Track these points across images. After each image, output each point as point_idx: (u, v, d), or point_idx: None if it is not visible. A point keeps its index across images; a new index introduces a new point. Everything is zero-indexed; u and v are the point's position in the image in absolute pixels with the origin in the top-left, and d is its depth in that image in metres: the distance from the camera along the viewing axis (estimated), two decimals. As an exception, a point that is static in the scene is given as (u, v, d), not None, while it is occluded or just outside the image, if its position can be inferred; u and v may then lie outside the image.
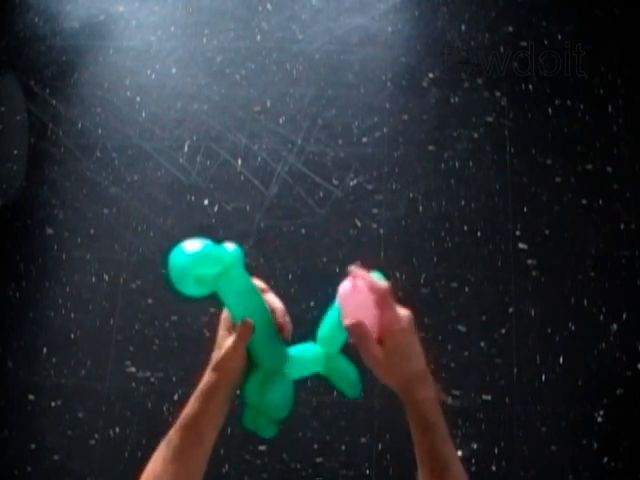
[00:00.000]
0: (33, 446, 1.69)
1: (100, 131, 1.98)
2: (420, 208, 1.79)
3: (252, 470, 1.60)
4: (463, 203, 1.78)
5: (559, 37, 1.91)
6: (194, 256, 0.61)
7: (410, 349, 0.64)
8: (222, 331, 0.68)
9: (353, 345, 0.64)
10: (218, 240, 0.66)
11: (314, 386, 1.61)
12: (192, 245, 0.61)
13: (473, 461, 1.56)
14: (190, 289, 0.61)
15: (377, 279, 0.67)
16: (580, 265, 1.69)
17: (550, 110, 1.85)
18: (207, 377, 0.65)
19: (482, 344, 1.65)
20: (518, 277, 1.69)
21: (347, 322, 0.64)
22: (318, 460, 1.59)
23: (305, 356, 0.72)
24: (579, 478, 1.53)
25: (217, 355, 0.66)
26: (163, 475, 0.61)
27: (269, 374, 0.67)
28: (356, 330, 0.63)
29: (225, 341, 0.66)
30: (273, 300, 0.70)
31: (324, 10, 2.06)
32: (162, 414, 1.65)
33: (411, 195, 1.80)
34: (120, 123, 1.98)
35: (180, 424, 0.63)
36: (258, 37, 2.04)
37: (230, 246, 0.66)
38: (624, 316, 1.64)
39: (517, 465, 1.55)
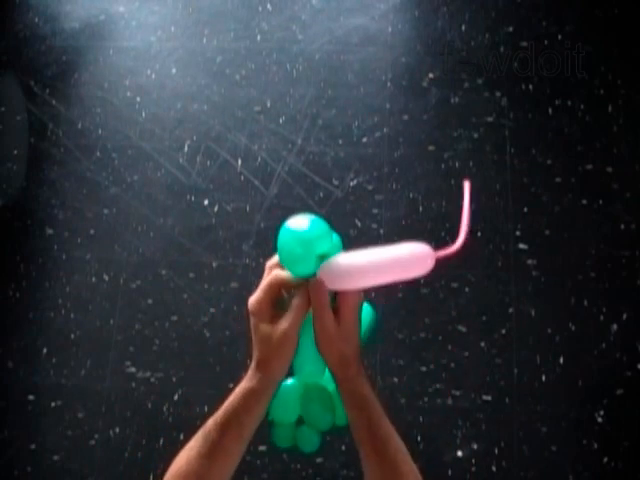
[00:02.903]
0: (33, 446, 1.69)
1: (100, 131, 1.98)
2: (420, 208, 1.79)
3: (252, 470, 1.60)
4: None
5: (559, 37, 1.91)
6: (320, 234, 0.58)
7: (356, 328, 0.62)
8: (262, 325, 0.61)
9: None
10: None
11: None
12: (316, 223, 0.58)
13: (473, 461, 1.56)
14: (309, 268, 0.58)
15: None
16: (580, 265, 1.69)
17: (550, 110, 1.85)
18: (255, 374, 0.61)
19: (482, 344, 1.65)
20: (518, 277, 1.69)
21: (317, 284, 0.59)
22: (318, 460, 1.59)
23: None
24: (579, 478, 1.53)
25: (266, 348, 0.61)
26: (198, 470, 0.59)
27: (310, 385, 0.65)
28: (318, 290, 0.59)
29: (274, 331, 0.60)
30: None
31: (324, 10, 2.06)
32: (162, 414, 1.64)
33: (411, 195, 1.80)
34: (120, 123, 1.98)
35: (221, 420, 0.60)
36: (258, 37, 2.04)
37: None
38: (624, 316, 1.64)
39: (517, 465, 1.55)
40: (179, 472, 0.60)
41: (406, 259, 0.60)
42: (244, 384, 0.62)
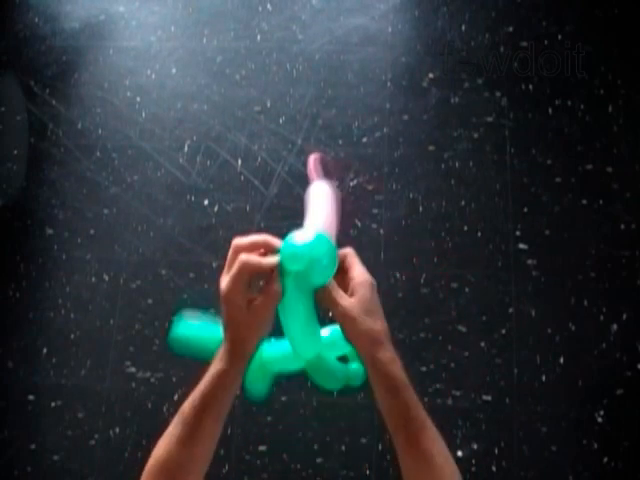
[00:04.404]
0: (33, 446, 1.68)
1: (100, 131, 1.98)
2: (420, 208, 1.79)
3: (252, 470, 1.60)
4: (463, 203, 1.78)
5: (559, 37, 1.91)
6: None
7: (377, 304, 0.61)
8: (234, 311, 0.60)
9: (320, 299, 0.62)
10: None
11: (314, 386, 1.60)
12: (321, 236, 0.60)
13: (473, 461, 1.56)
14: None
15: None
16: (580, 265, 1.69)
17: (550, 110, 1.85)
18: (225, 359, 0.60)
19: (482, 344, 1.65)
20: (518, 277, 1.69)
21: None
22: (318, 460, 1.59)
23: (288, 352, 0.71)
24: (579, 478, 1.53)
25: (236, 334, 0.61)
26: (178, 458, 0.58)
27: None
28: (324, 289, 0.60)
29: (243, 319, 0.60)
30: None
31: (324, 10, 2.06)
32: (162, 414, 1.64)
33: (411, 195, 1.80)
34: (120, 123, 1.98)
35: (198, 403, 0.59)
36: (258, 37, 2.04)
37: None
38: (624, 316, 1.64)
39: (517, 465, 1.55)
40: (159, 461, 0.59)
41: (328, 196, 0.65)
42: (218, 366, 0.60)
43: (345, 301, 0.60)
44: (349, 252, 0.64)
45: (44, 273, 1.84)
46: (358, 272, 0.62)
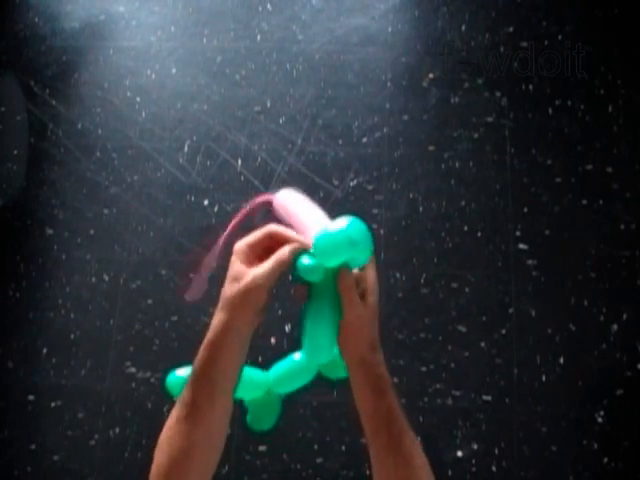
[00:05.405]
0: (33, 446, 1.68)
1: (100, 131, 1.98)
2: (420, 208, 1.79)
3: (252, 470, 1.60)
4: (463, 203, 1.78)
5: (559, 37, 1.91)
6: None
7: (377, 313, 0.61)
8: (238, 264, 0.58)
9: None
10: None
11: (314, 386, 1.60)
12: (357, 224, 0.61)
13: (473, 461, 1.56)
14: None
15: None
16: (580, 265, 1.69)
17: (550, 110, 1.85)
18: (217, 318, 0.57)
19: (482, 344, 1.65)
20: (518, 277, 1.69)
21: (345, 274, 0.59)
22: (318, 460, 1.59)
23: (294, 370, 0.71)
24: (579, 478, 1.53)
25: (232, 289, 0.57)
26: (176, 436, 0.55)
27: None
28: (346, 277, 0.59)
29: (247, 273, 0.57)
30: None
31: (324, 10, 2.06)
32: (162, 414, 1.64)
33: (411, 195, 1.80)
34: (120, 123, 1.98)
35: (190, 378, 0.56)
36: (258, 37, 2.04)
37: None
38: (624, 316, 1.64)
39: (517, 465, 1.55)
40: (161, 458, 0.56)
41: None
42: (209, 332, 0.57)
43: (359, 308, 0.60)
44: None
45: (44, 273, 1.84)
46: (372, 276, 0.62)
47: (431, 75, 1.93)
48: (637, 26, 1.92)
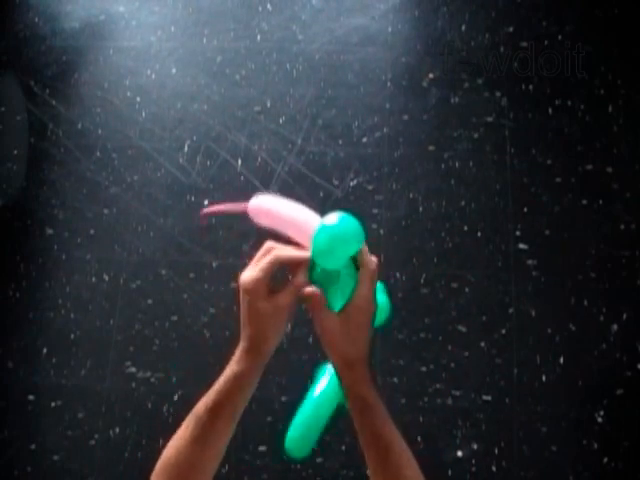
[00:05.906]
0: (33, 446, 1.69)
1: (100, 131, 1.98)
2: (420, 208, 1.79)
3: (252, 470, 1.60)
4: (463, 203, 1.78)
5: (559, 37, 1.91)
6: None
7: (364, 331, 0.61)
8: (259, 301, 0.59)
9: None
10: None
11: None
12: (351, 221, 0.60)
13: (473, 461, 1.56)
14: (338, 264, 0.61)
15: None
16: (580, 265, 1.69)
17: (550, 110, 1.85)
18: (244, 359, 0.60)
19: (482, 344, 1.65)
20: (518, 277, 1.69)
21: (308, 291, 0.61)
22: (318, 460, 1.59)
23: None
24: (579, 478, 1.53)
25: (259, 327, 0.60)
26: (190, 457, 0.58)
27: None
28: (312, 300, 0.61)
29: (268, 309, 0.59)
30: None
31: (324, 10, 2.06)
32: (162, 414, 1.64)
33: (411, 195, 1.80)
34: (120, 123, 1.98)
35: (213, 405, 0.59)
36: (258, 37, 2.04)
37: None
38: (624, 316, 1.64)
39: (517, 465, 1.55)
40: (169, 462, 0.59)
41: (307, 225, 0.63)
42: (234, 367, 0.60)
43: (327, 322, 0.60)
44: (372, 264, 0.62)
45: (44, 273, 1.84)
46: (363, 294, 0.60)
47: (431, 75, 1.93)
48: (637, 26, 1.92)
